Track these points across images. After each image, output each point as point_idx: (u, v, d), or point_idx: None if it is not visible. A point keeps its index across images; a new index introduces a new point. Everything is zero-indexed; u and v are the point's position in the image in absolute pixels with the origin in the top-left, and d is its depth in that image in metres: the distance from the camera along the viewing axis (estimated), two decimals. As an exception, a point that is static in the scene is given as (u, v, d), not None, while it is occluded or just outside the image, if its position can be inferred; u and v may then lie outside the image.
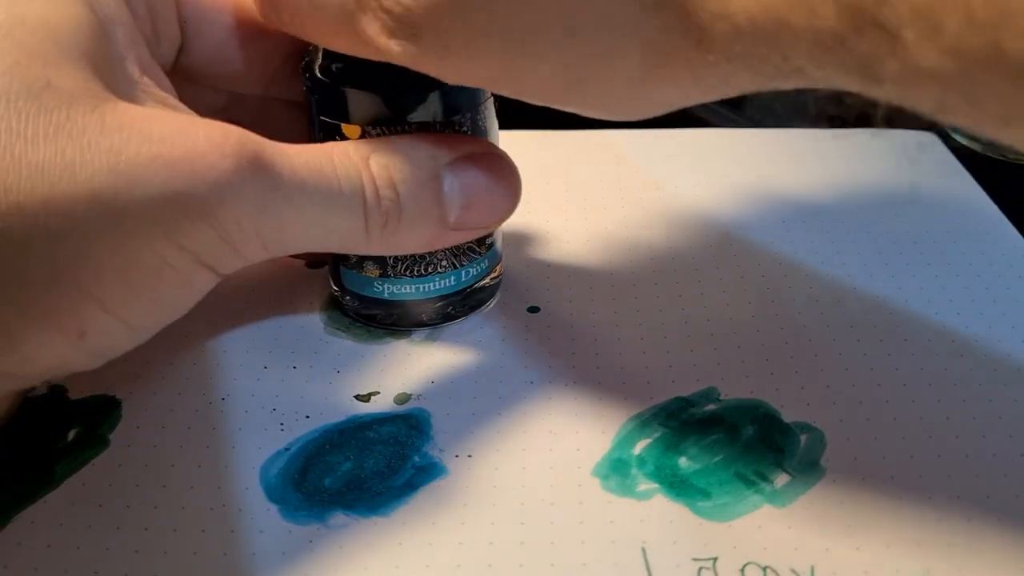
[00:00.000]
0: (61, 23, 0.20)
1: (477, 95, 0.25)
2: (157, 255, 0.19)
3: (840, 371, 0.26)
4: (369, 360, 0.27)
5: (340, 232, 0.23)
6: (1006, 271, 0.30)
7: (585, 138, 0.38)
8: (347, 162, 0.22)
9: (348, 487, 0.23)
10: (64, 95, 0.19)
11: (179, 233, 0.19)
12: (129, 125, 0.19)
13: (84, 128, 0.19)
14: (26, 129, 0.18)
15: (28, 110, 0.18)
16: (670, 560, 0.21)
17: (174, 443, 0.24)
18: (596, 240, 0.32)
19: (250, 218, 0.20)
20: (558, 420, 0.25)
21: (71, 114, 0.19)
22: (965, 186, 0.35)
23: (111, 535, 0.22)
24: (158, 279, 0.20)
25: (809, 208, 0.34)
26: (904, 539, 0.21)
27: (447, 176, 0.24)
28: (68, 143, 0.18)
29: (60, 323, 0.19)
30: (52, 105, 0.19)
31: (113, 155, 0.19)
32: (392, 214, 0.23)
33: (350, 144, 0.23)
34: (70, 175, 0.18)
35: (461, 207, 0.24)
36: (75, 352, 0.20)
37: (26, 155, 0.18)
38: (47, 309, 0.19)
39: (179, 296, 0.21)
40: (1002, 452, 0.23)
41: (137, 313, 0.20)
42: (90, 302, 0.19)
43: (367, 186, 0.22)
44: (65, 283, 0.19)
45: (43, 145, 0.18)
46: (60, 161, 0.18)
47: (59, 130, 0.18)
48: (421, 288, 0.27)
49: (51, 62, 0.19)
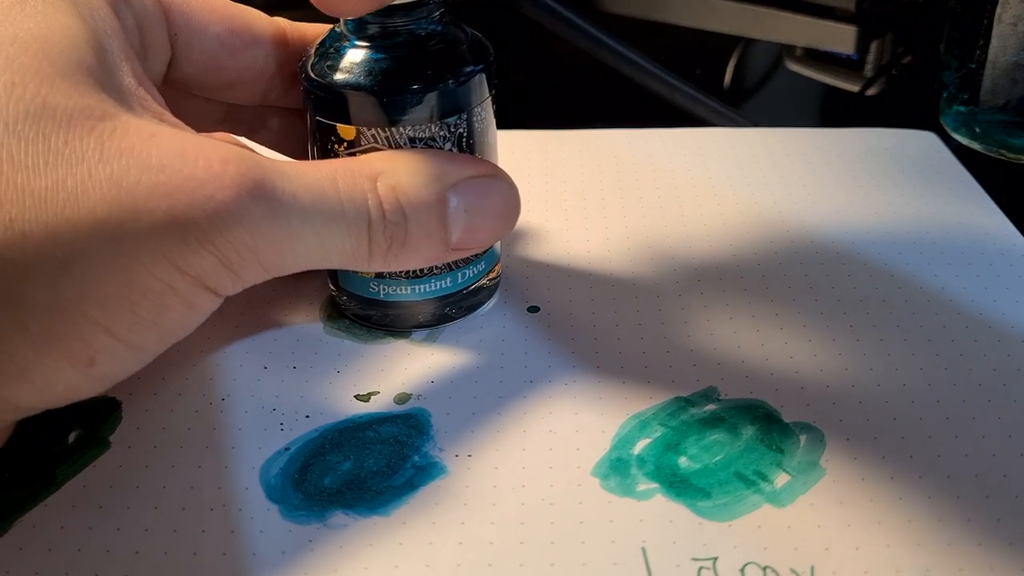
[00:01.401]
0: (54, 38, 0.20)
1: (474, 95, 0.25)
2: (160, 281, 0.19)
3: (840, 371, 0.26)
4: (369, 360, 0.27)
5: (342, 254, 0.23)
6: (1006, 271, 0.30)
7: (585, 138, 0.38)
8: (352, 184, 0.22)
9: (348, 487, 0.23)
10: (61, 117, 0.19)
11: (181, 259, 0.19)
12: (128, 151, 0.19)
13: (83, 155, 0.19)
14: (26, 157, 0.18)
15: (27, 135, 0.18)
16: (670, 560, 0.21)
17: (174, 444, 0.24)
18: (596, 240, 0.32)
19: (249, 245, 0.20)
20: (558, 420, 0.25)
21: (68, 139, 0.19)
22: (965, 186, 0.35)
23: (112, 537, 0.22)
24: (162, 304, 0.20)
25: (809, 208, 0.34)
26: (904, 539, 0.21)
27: (452, 199, 0.24)
28: (68, 172, 0.18)
29: (69, 351, 0.19)
30: (49, 130, 0.19)
31: (114, 185, 0.19)
32: (397, 238, 0.23)
33: (356, 163, 0.23)
34: (73, 204, 0.18)
35: (463, 229, 0.24)
36: (85, 380, 0.20)
37: (28, 184, 0.18)
38: (55, 337, 0.19)
39: (183, 318, 0.21)
40: (1002, 452, 0.23)
41: (143, 337, 0.20)
42: (97, 329, 0.19)
43: (373, 210, 0.22)
44: (72, 311, 0.19)
45: (44, 173, 0.18)
46: (62, 190, 0.18)
47: (58, 157, 0.19)
48: (417, 289, 0.27)
49: (46, 80, 0.19)
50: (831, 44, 0.45)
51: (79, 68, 0.20)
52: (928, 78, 0.41)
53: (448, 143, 0.25)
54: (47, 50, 0.20)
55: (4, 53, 0.19)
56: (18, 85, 0.19)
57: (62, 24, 0.20)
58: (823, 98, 0.50)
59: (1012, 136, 0.37)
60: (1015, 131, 0.37)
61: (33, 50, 0.19)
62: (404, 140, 0.25)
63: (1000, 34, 0.36)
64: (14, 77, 0.19)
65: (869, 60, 0.46)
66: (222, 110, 0.28)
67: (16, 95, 0.19)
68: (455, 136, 0.25)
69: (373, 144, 0.25)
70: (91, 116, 0.19)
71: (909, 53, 0.46)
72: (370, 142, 0.25)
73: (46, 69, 0.19)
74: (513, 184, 0.25)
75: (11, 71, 0.19)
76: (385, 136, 0.25)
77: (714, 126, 0.41)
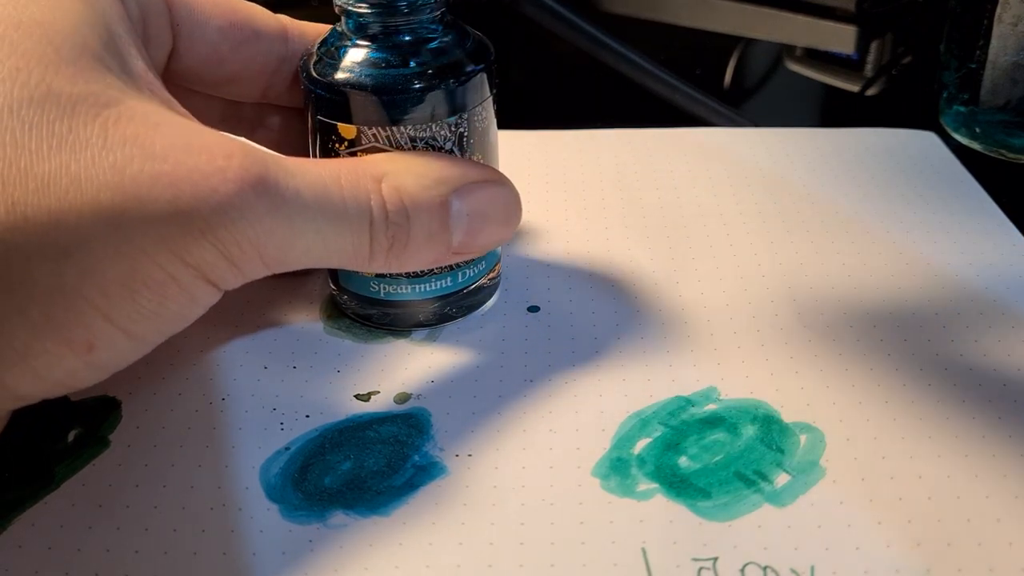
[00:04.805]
0: (58, 24, 0.20)
1: (475, 95, 0.25)
2: (162, 270, 0.19)
3: (840, 371, 0.26)
4: (369, 359, 0.27)
5: (343, 253, 0.23)
6: (1006, 271, 0.30)
7: (585, 138, 0.38)
8: (356, 184, 0.22)
9: (348, 486, 0.23)
10: (65, 102, 0.19)
11: (183, 249, 0.19)
12: (132, 139, 0.19)
13: (87, 142, 0.19)
14: (30, 141, 0.18)
15: (31, 119, 0.18)
16: (670, 560, 0.21)
17: (174, 443, 0.24)
18: (596, 240, 0.32)
19: (251, 239, 0.20)
20: (558, 420, 0.25)
21: (73, 125, 0.19)
22: (965, 186, 0.35)
23: (111, 536, 0.22)
24: (163, 293, 0.20)
25: (809, 208, 0.34)
26: (904, 539, 0.21)
27: (455, 202, 0.24)
28: (71, 158, 0.18)
29: (69, 337, 0.19)
30: (54, 115, 0.19)
31: (117, 172, 0.19)
32: (399, 239, 0.23)
33: (361, 163, 0.23)
34: (76, 190, 0.18)
35: (465, 233, 0.24)
36: (83, 367, 0.20)
37: (32, 168, 0.18)
38: (56, 322, 0.19)
39: (183, 309, 0.21)
40: (1002, 452, 0.23)
41: (142, 326, 0.20)
42: (97, 315, 0.19)
43: (376, 210, 0.22)
44: (73, 296, 0.19)
45: (47, 158, 0.18)
46: (65, 175, 0.18)
47: (62, 142, 0.19)
48: (417, 289, 0.27)
49: (51, 66, 0.19)
50: (831, 44, 0.45)
51: (84, 52, 0.20)
52: (928, 78, 0.41)
53: (449, 143, 0.25)
54: (51, 36, 0.20)
55: (9, 39, 0.19)
56: (23, 71, 0.19)
57: (67, 8, 0.20)
58: (823, 98, 0.50)
59: (1012, 136, 0.37)
60: (1015, 131, 0.37)
61: (37, 36, 0.19)
62: (405, 139, 0.25)
63: (1000, 34, 0.36)
64: (19, 63, 0.19)
65: (869, 60, 0.46)
66: (221, 107, 0.28)
67: (21, 81, 0.19)
68: (456, 136, 0.25)
69: (374, 143, 0.25)
70: (96, 103, 0.19)
71: (909, 53, 0.46)
72: (371, 141, 0.25)
73: (50, 55, 0.19)
74: (516, 191, 0.26)
75: (16, 56, 0.19)
76: (386, 135, 0.25)
77: (714, 126, 0.41)
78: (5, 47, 0.19)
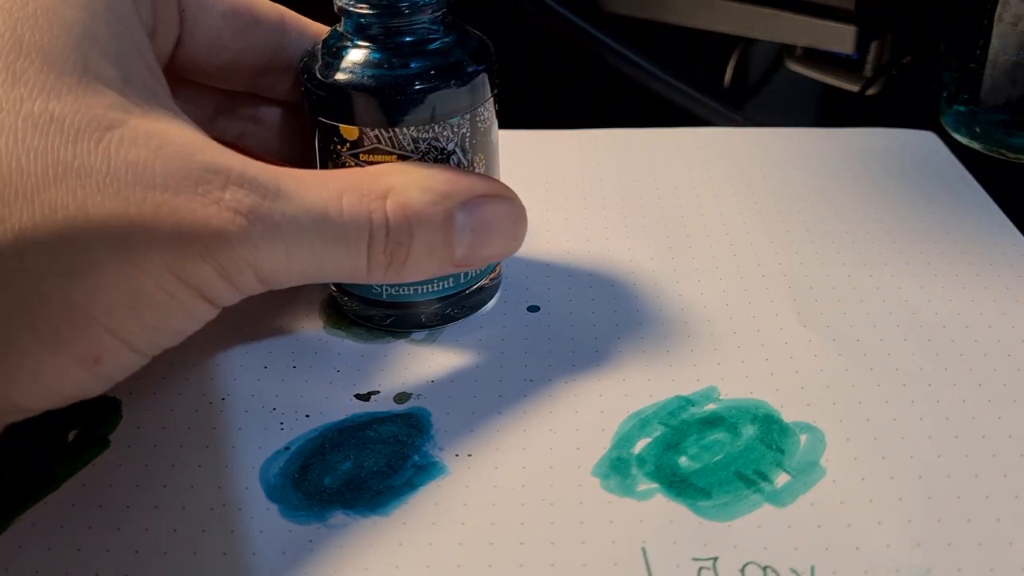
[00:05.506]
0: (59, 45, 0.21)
1: (476, 95, 0.25)
2: (164, 290, 0.20)
3: (840, 371, 0.26)
4: (369, 359, 0.27)
5: (340, 271, 0.23)
6: (1006, 271, 0.30)
7: (585, 138, 0.38)
8: (359, 203, 0.22)
9: (348, 486, 0.23)
10: (69, 129, 0.20)
11: (183, 271, 0.20)
12: (134, 165, 0.20)
13: (91, 168, 0.20)
14: (35, 167, 0.19)
15: (36, 147, 0.19)
16: (670, 560, 0.21)
17: (174, 443, 0.24)
18: (596, 240, 0.32)
19: (248, 262, 0.21)
20: (558, 420, 0.25)
21: (77, 152, 0.20)
22: (965, 186, 0.35)
23: (112, 536, 0.22)
24: (164, 311, 0.21)
25: (809, 208, 0.34)
26: (904, 539, 0.21)
27: (460, 216, 0.24)
28: (77, 184, 0.19)
29: (78, 353, 0.20)
30: (58, 143, 0.20)
31: (122, 200, 0.20)
32: (397, 255, 0.23)
33: (367, 179, 0.23)
34: (83, 216, 0.19)
35: (468, 247, 0.24)
36: (90, 379, 0.20)
37: (38, 194, 0.19)
38: (65, 339, 0.19)
39: (182, 325, 0.22)
40: (1002, 452, 0.23)
41: (145, 340, 0.21)
42: (104, 331, 0.20)
43: (376, 228, 0.23)
44: (81, 315, 0.19)
45: (54, 184, 0.19)
46: (72, 201, 0.19)
47: (67, 169, 0.19)
48: (420, 290, 0.27)
49: (52, 92, 0.20)
50: (831, 44, 0.45)
51: (85, 74, 0.21)
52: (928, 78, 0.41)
53: (452, 143, 0.25)
54: (52, 61, 0.20)
55: (12, 69, 0.20)
56: (26, 101, 0.20)
57: (69, 24, 0.21)
58: (823, 98, 0.50)
59: (1012, 136, 0.37)
60: (1015, 131, 0.37)
61: (39, 64, 0.20)
62: (407, 140, 0.25)
63: (1000, 34, 0.36)
64: (21, 92, 0.20)
65: (869, 60, 0.46)
66: (216, 100, 0.28)
67: (24, 111, 0.20)
68: (458, 136, 0.25)
69: (376, 144, 0.25)
70: (99, 127, 0.20)
71: (909, 53, 0.46)
72: (373, 142, 0.25)
73: (52, 82, 0.20)
74: (522, 205, 0.25)
75: (19, 85, 0.20)
76: (388, 136, 0.25)
77: (714, 126, 0.41)
78: (9, 77, 0.20)
